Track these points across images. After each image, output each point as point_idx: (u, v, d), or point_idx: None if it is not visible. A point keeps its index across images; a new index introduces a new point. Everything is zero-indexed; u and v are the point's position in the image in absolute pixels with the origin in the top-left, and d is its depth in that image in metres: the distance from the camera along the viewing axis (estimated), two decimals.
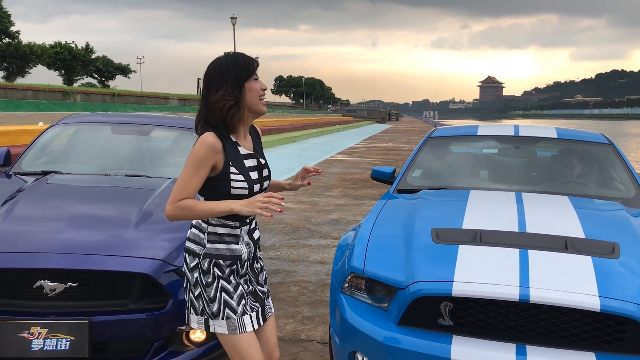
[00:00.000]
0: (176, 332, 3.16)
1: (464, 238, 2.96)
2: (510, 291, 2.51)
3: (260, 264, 2.59)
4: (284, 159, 17.65)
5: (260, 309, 2.47)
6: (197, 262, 2.35)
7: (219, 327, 2.35)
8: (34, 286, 3.00)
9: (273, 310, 2.59)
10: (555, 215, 3.37)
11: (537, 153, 4.64)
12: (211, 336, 3.17)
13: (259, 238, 2.55)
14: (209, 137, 2.26)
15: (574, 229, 3.04)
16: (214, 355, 3.27)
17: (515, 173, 4.36)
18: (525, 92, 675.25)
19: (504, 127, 4.86)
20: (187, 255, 2.40)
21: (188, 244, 2.40)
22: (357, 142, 31.53)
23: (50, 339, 2.92)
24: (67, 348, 2.93)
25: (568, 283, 2.52)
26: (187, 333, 3.20)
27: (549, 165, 4.55)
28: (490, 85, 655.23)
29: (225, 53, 2.35)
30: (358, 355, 2.85)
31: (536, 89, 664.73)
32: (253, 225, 2.51)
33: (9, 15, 40.02)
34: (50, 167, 4.56)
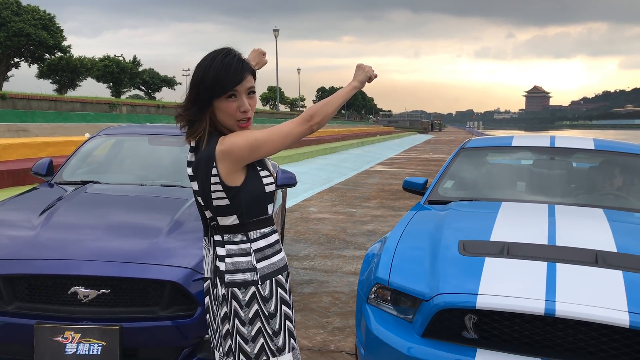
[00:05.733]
0: (204, 340, 3.21)
1: (491, 250, 2.92)
2: (535, 305, 2.46)
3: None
4: (323, 170, 17.70)
5: None
6: (254, 292, 2.07)
7: None
8: (69, 292, 3.11)
9: None
10: (587, 228, 3.29)
11: (574, 165, 4.54)
12: None
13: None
14: None
15: (606, 242, 2.96)
16: None
17: (549, 185, 4.27)
18: (573, 102, 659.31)
19: (540, 137, 4.77)
20: (235, 290, 2.06)
21: (232, 277, 2.06)
22: (397, 152, 31.36)
23: (83, 343, 3.01)
24: (99, 353, 3.01)
25: (596, 298, 2.46)
26: None
27: (585, 178, 4.45)
28: (537, 95, 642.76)
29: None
30: None
31: (584, 99, 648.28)
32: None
33: (62, 31, 41.59)
34: (89, 177, 4.72)
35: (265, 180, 2.12)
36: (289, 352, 2.13)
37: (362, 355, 2.98)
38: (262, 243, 2.11)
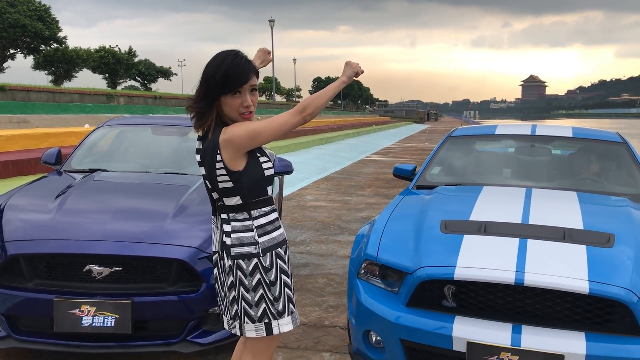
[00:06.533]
0: (209, 313, 3.50)
1: (469, 228, 3.21)
2: (506, 275, 2.75)
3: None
4: (319, 159, 17.97)
5: None
6: (256, 263, 2.35)
7: (285, 325, 2.41)
8: (84, 270, 3.39)
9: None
10: (558, 209, 3.58)
11: (552, 151, 4.83)
12: None
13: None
14: None
15: (574, 221, 3.25)
16: None
17: (529, 170, 4.57)
18: (569, 91, 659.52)
19: (522, 126, 5.06)
20: (240, 262, 2.36)
21: (236, 250, 2.36)
22: (393, 142, 31.64)
23: (98, 316, 3.30)
24: (113, 325, 3.30)
25: (560, 268, 2.76)
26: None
27: (562, 163, 4.74)
28: (533, 85, 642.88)
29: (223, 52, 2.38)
30: (371, 334, 3.14)
31: (580, 88, 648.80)
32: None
33: (57, 22, 41.63)
34: (96, 165, 4.99)
35: (264, 165, 2.41)
36: (288, 315, 2.43)
37: (353, 324, 3.28)
38: (262, 220, 2.40)
